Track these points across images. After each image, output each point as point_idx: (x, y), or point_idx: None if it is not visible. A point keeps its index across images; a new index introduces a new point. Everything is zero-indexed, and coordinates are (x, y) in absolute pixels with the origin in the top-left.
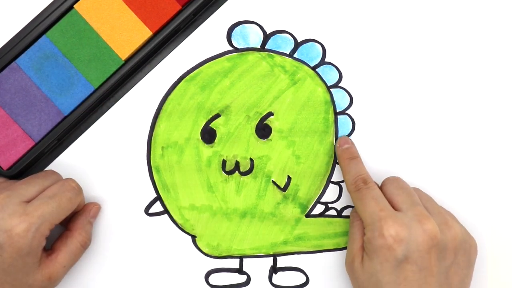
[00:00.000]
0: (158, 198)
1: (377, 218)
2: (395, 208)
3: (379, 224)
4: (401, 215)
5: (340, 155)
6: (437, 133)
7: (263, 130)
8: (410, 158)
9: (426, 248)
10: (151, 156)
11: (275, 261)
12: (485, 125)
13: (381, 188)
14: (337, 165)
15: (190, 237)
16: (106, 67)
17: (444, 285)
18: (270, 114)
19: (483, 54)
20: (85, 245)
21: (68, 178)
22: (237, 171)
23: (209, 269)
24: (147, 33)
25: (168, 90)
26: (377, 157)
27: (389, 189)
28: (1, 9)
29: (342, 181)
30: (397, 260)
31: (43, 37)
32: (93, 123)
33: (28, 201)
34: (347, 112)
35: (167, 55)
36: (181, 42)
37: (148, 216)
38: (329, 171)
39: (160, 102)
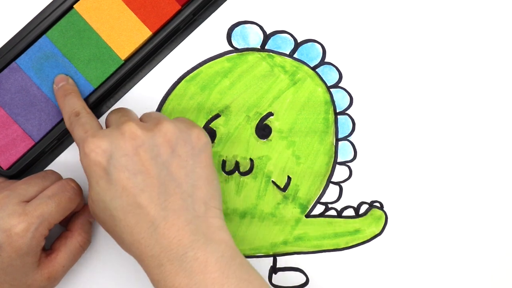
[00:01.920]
0: None
1: (81, 140)
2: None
3: (82, 145)
4: (103, 130)
5: (56, 94)
6: (438, 133)
7: (263, 130)
8: (410, 158)
9: (131, 149)
10: None
11: (275, 261)
12: (486, 125)
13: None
14: (337, 165)
15: None
16: (106, 67)
17: (167, 182)
18: (270, 114)
19: (483, 54)
20: (85, 245)
21: (68, 178)
22: (237, 171)
23: None
24: (146, 33)
25: (168, 90)
26: (377, 157)
27: (107, 117)
28: (1, 9)
29: (343, 181)
30: (107, 172)
31: (43, 37)
32: None
33: (28, 201)
34: (347, 112)
35: (167, 55)
36: (181, 42)
37: None
38: (329, 171)
39: (160, 102)
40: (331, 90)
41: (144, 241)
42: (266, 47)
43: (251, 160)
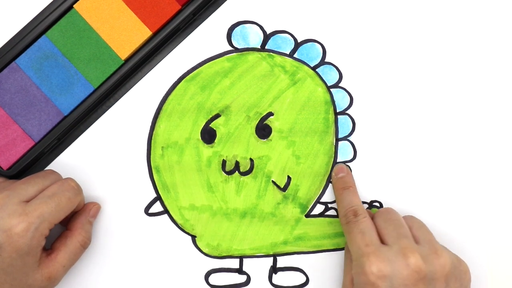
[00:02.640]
0: (158, 198)
1: (361, 253)
2: (382, 241)
3: (362, 260)
4: (386, 250)
5: (335, 184)
6: (438, 133)
7: (263, 130)
8: (410, 158)
9: (412, 282)
10: (151, 156)
11: (275, 261)
12: (485, 125)
13: (372, 219)
14: (337, 165)
15: (190, 237)
16: (106, 67)
17: None
18: (270, 114)
19: (483, 54)
20: (85, 245)
21: (67, 178)
22: (237, 171)
23: (209, 269)
24: (146, 33)
25: (168, 90)
26: (377, 157)
27: (378, 221)
28: (1, 9)
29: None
30: None
31: (43, 37)
32: (93, 123)
33: (28, 201)
34: (347, 112)
35: (167, 55)
36: (181, 42)
37: (148, 216)
38: (329, 171)
39: (160, 102)
40: (331, 90)
41: None
42: (266, 47)
43: (251, 160)
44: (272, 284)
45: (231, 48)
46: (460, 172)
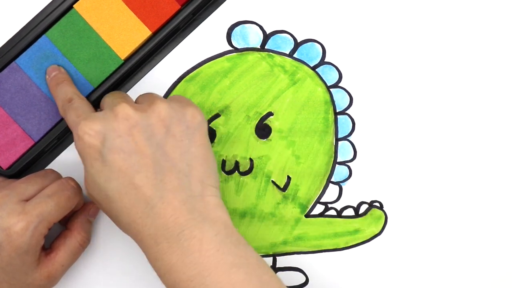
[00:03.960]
0: None
1: (74, 124)
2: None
3: (75, 129)
4: (96, 113)
5: (49, 84)
6: (438, 133)
7: (262, 130)
8: (410, 158)
9: (124, 130)
10: None
11: (274, 261)
12: (485, 125)
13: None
14: (337, 165)
15: None
16: (106, 67)
17: (163, 161)
18: (270, 114)
19: (483, 54)
20: (84, 244)
21: (67, 177)
22: (236, 171)
23: None
24: (146, 33)
25: (168, 90)
26: (377, 157)
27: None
28: (1, 9)
29: (342, 181)
30: (102, 153)
31: (43, 37)
32: None
33: (27, 200)
34: (347, 112)
35: (166, 54)
36: (181, 41)
37: None
38: (329, 171)
39: None
40: (331, 90)
41: (141, 221)
42: (266, 47)
43: (251, 160)
44: None
45: (231, 48)
46: (460, 172)
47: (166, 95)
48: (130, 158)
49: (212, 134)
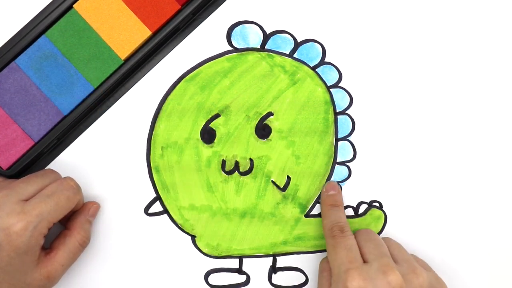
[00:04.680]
0: (158, 198)
1: (343, 269)
2: (363, 258)
3: (344, 276)
4: (367, 267)
5: (324, 200)
6: (437, 133)
7: (262, 130)
8: (410, 158)
9: None
10: (151, 156)
11: (274, 261)
12: (485, 125)
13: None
14: (337, 165)
15: (189, 237)
16: (106, 67)
17: None
18: (270, 114)
19: (483, 54)
20: (84, 244)
21: (66, 177)
22: (236, 171)
23: (208, 269)
24: (146, 33)
25: (168, 90)
26: (377, 157)
27: (359, 240)
28: (0, 9)
29: (342, 181)
30: None
31: (43, 37)
32: (92, 122)
33: (27, 200)
34: (347, 112)
35: (166, 54)
36: (181, 41)
37: (147, 216)
38: (329, 171)
39: (160, 102)
40: (331, 90)
41: None
42: (266, 47)
43: (251, 160)
44: (272, 284)
45: (231, 48)
46: (460, 172)
47: (166, 95)
48: None
49: (212, 134)
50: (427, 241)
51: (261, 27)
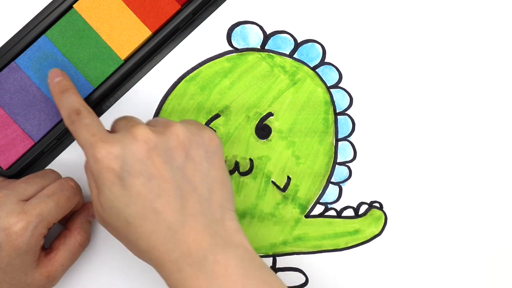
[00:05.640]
0: None
1: (89, 144)
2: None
3: (91, 150)
4: (114, 135)
5: (52, 90)
6: (437, 133)
7: (262, 131)
8: (410, 159)
9: (144, 154)
10: None
11: (274, 262)
12: (485, 125)
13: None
14: (337, 165)
15: None
16: (106, 67)
17: (183, 186)
18: (270, 114)
19: (483, 54)
20: (84, 244)
21: (67, 177)
22: (236, 171)
23: None
24: (146, 33)
25: (168, 90)
26: (377, 158)
27: (113, 123)
28: (0, 9)
29: (342, 182)
30: (121, 177)
31: (42, 36)
32: None
33: (27, 200)
34: (347, 112)
35: (166, 54)
36: (181, 41)
37: None
38: (329, 171)
39: (160, 102)
40: (331, 90)
41: (162, 247)
42: (266, 47)
43: (251, 160)
44: None
45: (231, 48)
46: (460, 172)
47: (166, 95)
48: (150, 182)
49: None
50: (427, 242)
51: (261, 27)
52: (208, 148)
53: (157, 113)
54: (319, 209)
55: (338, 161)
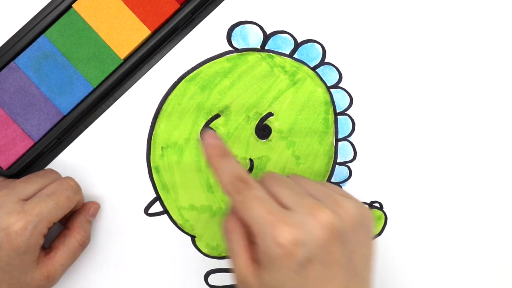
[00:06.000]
0: (158, 198)
1: (267, 223)
2: (281, 205)
3: (271, 231)
4: (292, 214)
5: (209, 153)
6: (437, 133)
7: (262, 131)
8: (410, 159)
9: (326, 240)
10: (151, 156)
11: None
12: (485, 125)
13: None
14: (337, 165)
15: (189, 237)
16: (105, 66)
17: (349, 269)
18: (270, 114)
19: (483, 54)
20: (84, 244)
21: (66, 177)
22: None
23: (208, 269)
24: (145, 32)
25: (168, 90)
26: (377, 158)
27: (268, 186)
28: (0, 9)
29: (342, 182)
30: (299, 264)
31: (42, 36)
32: (92, 122)
33: (27, 199)
34: (347, 112)
35: (166, 54)
36: (180, 41)
37: (147, 216)
38: (329, 171)
39: (160, 102)
40: (331, 90)
41: None
42: (266, 47)
43: (251, 160)
44: None
45: (231, 48)
46: (460, 172)
47: (166, 95)
48: (326, 269)
49: None
50: (427, 242)
51: (261, 27)
52: (368, 228)
53: (157, 113)
54: None
55: (338, 161)
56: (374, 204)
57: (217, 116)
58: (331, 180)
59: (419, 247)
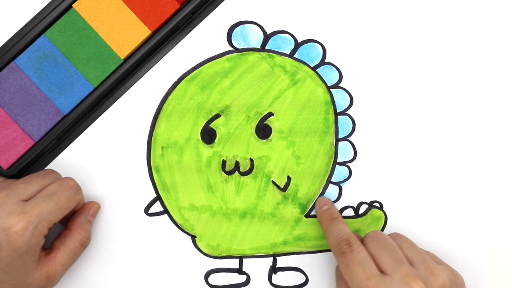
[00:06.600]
0: (158, 198)
1: (362, 285)
2: (380, 269)
3: None
4: (388, 281)
5: (320, 217)
6: (438, 133)
7: (263, 130)
8: (410, 159)
9: None
10: (151, 156)
11: (274, 261)
12: (485, 125)
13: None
14: (337, 165)
15: (190, 237)
16: (105, 66)
17: None
18: (270, 114)
19: (483, 54)
20: (84, 244)
21: (67, 177)
22: (237, 171)
23: (208, 269)
24: (146, 32)
25: (168, 90)
26: (377, 158)
27: (371, 248)
28: (0, 9)
29: (342, 182)
30: None
31: (42, 36)
32: (92, 122)
33: (27, 200)
34: (347, 112)
35: (166, 54)
36: (180, 41)
37: (148, 216)
38: (329, 171)
39: (160, 102)
40: (331, 90)
41: None
42: (266, 47)
43: (251, 160)
44: (272, 284)
45: (231, 48)
46: (460, 172)
47: (167, 95)
48: None
49: (212, 134)
50: (427, 242)
51: (261, 27)
52: None
53: (157, 113)
54: None
55: (338, 161)
56: (374, 204)
57: (217, 116)
58: (332, 180)
59: (419, 246)
